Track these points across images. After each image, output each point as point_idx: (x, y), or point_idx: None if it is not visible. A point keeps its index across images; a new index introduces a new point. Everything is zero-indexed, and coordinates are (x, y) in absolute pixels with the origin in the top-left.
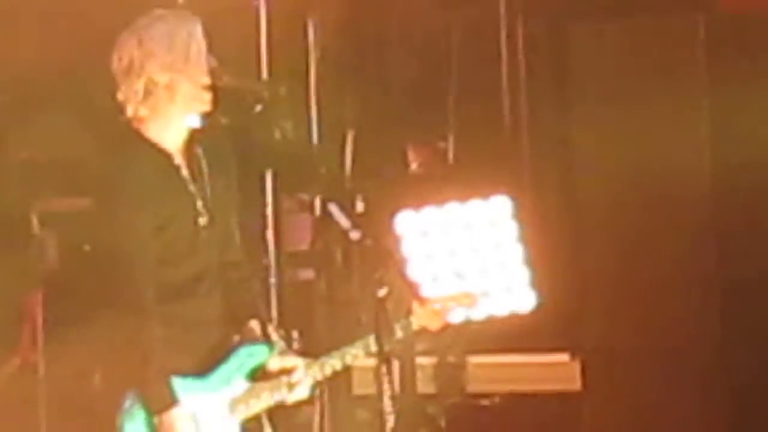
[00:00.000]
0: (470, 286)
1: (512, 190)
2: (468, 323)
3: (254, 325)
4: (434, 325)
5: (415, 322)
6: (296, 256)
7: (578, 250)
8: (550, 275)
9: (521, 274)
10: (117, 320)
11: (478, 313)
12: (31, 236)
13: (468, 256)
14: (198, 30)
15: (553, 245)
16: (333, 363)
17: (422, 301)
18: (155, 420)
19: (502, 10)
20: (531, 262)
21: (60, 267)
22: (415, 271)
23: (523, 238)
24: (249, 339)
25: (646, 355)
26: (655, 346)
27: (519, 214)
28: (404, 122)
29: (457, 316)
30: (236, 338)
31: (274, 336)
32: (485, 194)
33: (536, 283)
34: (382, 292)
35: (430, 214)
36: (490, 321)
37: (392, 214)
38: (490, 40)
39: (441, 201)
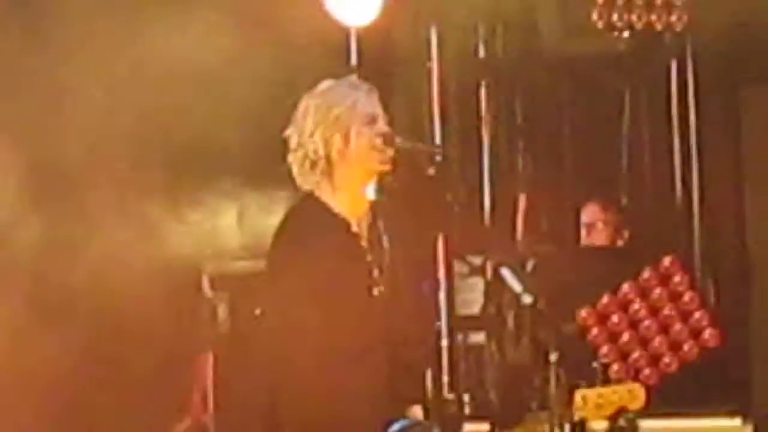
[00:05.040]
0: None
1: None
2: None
3: (417, 410)
4: (595, 417)
5: (576, 415)
6: (467, 319)
7: (750, 312)
8: (722, 337)
9: (703, 317)
10: (282, 383)
11: (673, 367)
12: (202, 298)
13: (650, 322)
14: (368, 95)
15: (724, 307)
16: None
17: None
18: None
19: (674, 73)
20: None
21: (230, 330)
22: (602, 354)
23: (697, 287)
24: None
25: None
26: None
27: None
28: (576, 186)
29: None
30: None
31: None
32: (655, 258)
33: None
34: (553, 358)
35: (608, 302)
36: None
37: (562, 278)
38: (662, 103)
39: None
